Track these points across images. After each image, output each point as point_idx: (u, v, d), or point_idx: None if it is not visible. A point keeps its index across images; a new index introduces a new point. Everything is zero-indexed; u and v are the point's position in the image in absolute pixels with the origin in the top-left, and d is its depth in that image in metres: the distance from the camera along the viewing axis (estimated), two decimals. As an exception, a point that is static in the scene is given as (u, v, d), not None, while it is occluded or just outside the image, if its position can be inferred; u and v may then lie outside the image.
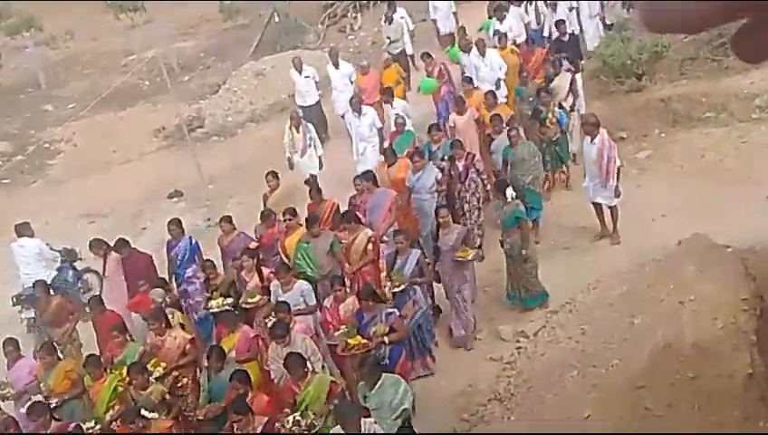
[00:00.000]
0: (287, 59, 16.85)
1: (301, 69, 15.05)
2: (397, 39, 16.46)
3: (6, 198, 16.26)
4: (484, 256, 10.31)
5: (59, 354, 9.10)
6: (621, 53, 13.87)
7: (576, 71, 13.07)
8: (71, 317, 9.96)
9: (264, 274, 9.35)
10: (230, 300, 9.21)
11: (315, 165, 12.81)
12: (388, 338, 8.06)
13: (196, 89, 20.18)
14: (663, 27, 0.78)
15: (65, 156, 18.06)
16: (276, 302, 8.65)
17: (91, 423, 7.81)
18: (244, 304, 9.11)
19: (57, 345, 9.43)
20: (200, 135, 17.47)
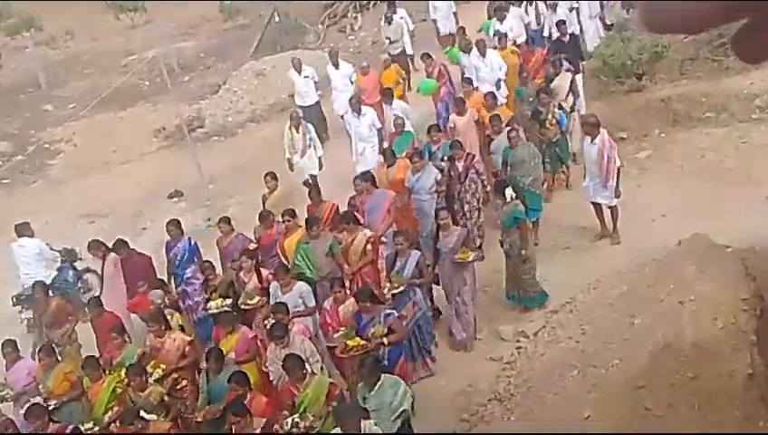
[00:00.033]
0: (287, 59, 16.85)
1: (300, 69, 15.05)
2: (396, 39, 16.46)
3: (6, 198, 16.26)
4: (484, 257, 10.31)
5: (58, 356, 9.09)
6: (621, 53, 13.86)
7: (576, 71, 13.07)
8: (70, 318, 9.92)
9: (263, 275, 9.32)
10: (229, 301, 9.19)
11: (315, 165, 12.79)
12: (387, 339, 8.03)
13: (197, 89, 20.19)
14: (663, 27, 0.78)
15: (65, 156, 18.06)
16: (275, 303, 8.62)
17: (89, 425, 7.81)
18: (242, 306, 9.09)
19: (56, 346, 9.42)
20: (200, 135, 17.47)
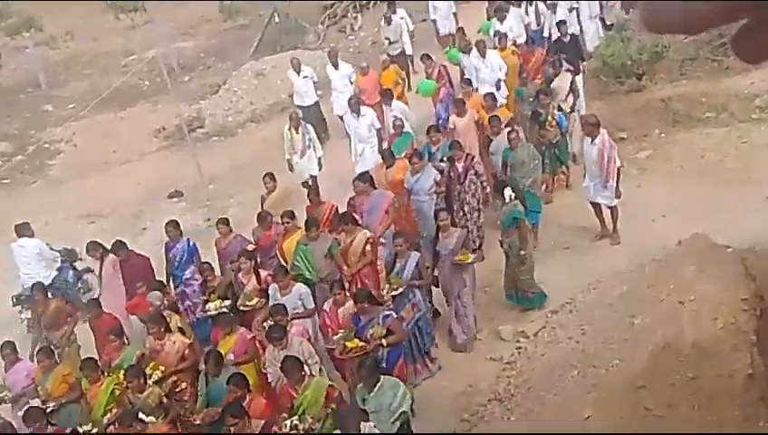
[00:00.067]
0: (287, 59, 16.84)
1: (299, 69, 15.05)
2: (396, 40, 16.44)
3: (6, 199, 16.26)
4: (483, 257, 10.31)
5: (56, 358, 9.05)
6: (621, 53, 13.85)
7: (576, 72, 13.06)
8: (69, 320, 9.90)
9: (262, 276, 9.29)
10: (228, 302, 9.16)
11: (314, 166, 12.77)
12: (385, 340, 8.02)
13: (197, 89, 20.19)
14: (663, 28, 0.78)
15: (65, 156, 18.06)
16: (273, 304, 8.58)
17: (88, 427, 7.79)
18: (241, 307, 9.06)
19: (55, 348, 9.37)
20: (200, 135, 17.47)
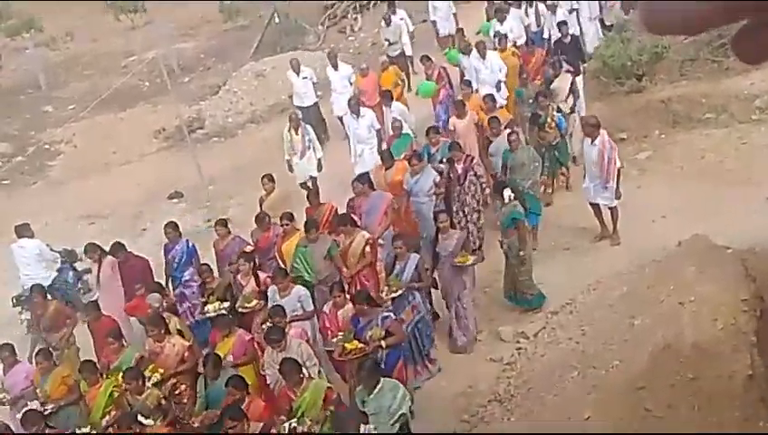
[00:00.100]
0: (287, 60, 16.84)
1: (298, 70, 15.04)
2: (395, 41, 16.42)
3: (6, 199, 16.25)
4: (484, 258, 10.30)
5: (55, 360, 9.01)
6: (621, 54, 13.85)
7: (576, 73, 13.06)
8: (68, 322, 9.86)
9: (261, 278, 9.26)
10: (226, 304, 9.13)
11: (314, 167, 12.75)
12: (385, 342, 7.99)
13: (197, 90, 20.19)
14: (663, 28, 0.77)
15: (65, 157, 18.06)
16: (272, 306, 8.55)
17: (86, 429, 7.78)
18: (240, 309, 9.02)
19: (54, 350, 9.34)
20: (200, 136, 17.47)
